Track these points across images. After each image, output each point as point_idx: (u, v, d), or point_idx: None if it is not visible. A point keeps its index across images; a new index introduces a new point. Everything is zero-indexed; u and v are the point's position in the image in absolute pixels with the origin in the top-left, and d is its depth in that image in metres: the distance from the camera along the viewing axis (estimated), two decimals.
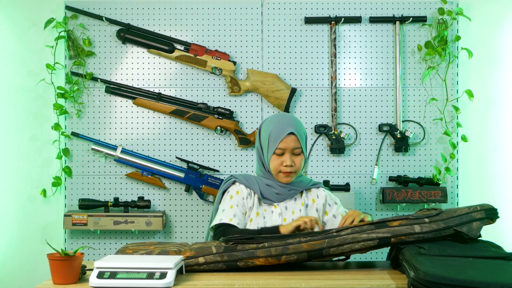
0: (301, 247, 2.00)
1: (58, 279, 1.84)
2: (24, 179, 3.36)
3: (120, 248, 2.15)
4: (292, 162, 2.40)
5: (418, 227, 1.98)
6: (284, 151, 2.40)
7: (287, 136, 2.39)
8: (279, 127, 2.41)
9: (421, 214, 2.04)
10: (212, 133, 3.37)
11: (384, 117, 3.38)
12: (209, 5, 3.37)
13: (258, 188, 2.44)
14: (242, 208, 2.41)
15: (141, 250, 2.07)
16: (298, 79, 3.38)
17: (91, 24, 3.35)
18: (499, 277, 1.74)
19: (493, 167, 3.41)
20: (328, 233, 2.02)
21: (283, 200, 2.46)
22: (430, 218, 2.00)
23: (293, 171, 2.41)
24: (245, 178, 2.48)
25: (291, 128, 2.39)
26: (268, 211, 2.44)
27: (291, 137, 2.39)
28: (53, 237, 3.29)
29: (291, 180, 2.44)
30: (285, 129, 2.39)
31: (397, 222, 2.01)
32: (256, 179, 2.48)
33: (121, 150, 3.31)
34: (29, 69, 3.35)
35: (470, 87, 3.33)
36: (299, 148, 2.41)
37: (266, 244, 2.01)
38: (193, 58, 3.32)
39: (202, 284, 1.84)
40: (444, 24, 3.31)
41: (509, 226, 3.37)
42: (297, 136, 2.40)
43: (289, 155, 2.40)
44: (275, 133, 2.41)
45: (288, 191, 2.45)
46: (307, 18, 3.36)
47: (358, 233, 2.00)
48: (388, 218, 2.04)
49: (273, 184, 2.45)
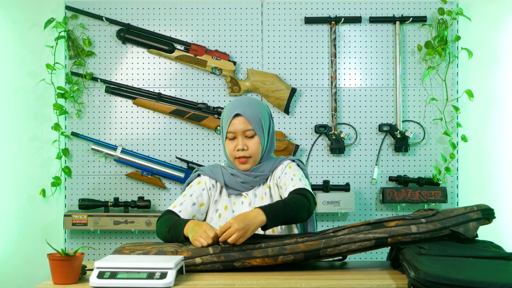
0: (298, 248, 1.99)
1: (58, 279, 1.84)
2: (24, 179, 3.36)
3: (117, 248, 2.14)
4: (244, 146, 2.29)
5: (415, 227, 1.99)
6: (235, 134, 2.30)
7: (234, 118, 2.29)
8: (228, 110, 2.33)
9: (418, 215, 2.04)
10: (212, 133, 3.37)
11: (384, 117, 3.39)
12: (209, 5, 3.37)
13: (222, 178, 2.34)
14: (196, 199, 2.32)
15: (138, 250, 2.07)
16: (298, 79, 3.38)
17: (91, 24, 3.35)
18: (499, 277, 1.74)
19: (493, 167, 3.41)
20: (325, 233, 2.02)
21: (251, 188, 2.35)
22: (427, 219, 2.00)
23: (248, 156, 2.30)
24: (210, 169, 2.38)
25: (238, 109, 2.29)
26: (237, 203, 2.34)
27: (239, 119, 2.29)
28: (53, 237, 3.29)
29: (249, 167, 2.32)
30: (232, 111, 2.30)
31: (393, 222, 2.01)
32: (222, 169, 2.38)
33: (121, 150, 3.31)
34: (29, 69, 3.35)
35: (470, 87, 3.33)
36: (250, 130, 2.29)
37: (263, 245, 2.01)
38: (193, 58, 3.32)
39: (202, 284, 1.84)
40: (444, 24, 3.31)
41: (509, 226, 3.38)
42: (245, 117, 2.28)
43: (241, 138, 2.29)
44: (225, 117, 2.33)
45: (254, 178, 2.33)
46: (307, 18, 3.36)
47: (355, 233, 2.00)
48: (385, 219, 2.04)
49: (237, 173, 2.34)
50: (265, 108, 2.37)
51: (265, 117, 2.34)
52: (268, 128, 2.35)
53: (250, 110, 2.30)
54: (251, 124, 2.29)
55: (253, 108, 2.31)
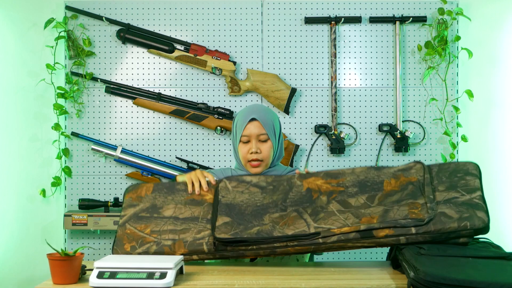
0: (288, 251, 2.07)
1: (58, 279, 1.84)
2: (24, 179, 3.36)
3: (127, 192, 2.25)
4: (257, 149, 2.39)
5: (404, 239, 1.99)
6: (250, 138, 2.40)
7: (249, 122, 2.39)
8: (243, 115, 2.43)
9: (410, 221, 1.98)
10: (212, 133, 3.37)
11: (384, 117, 3.39)
12: (209, 5, 3.37)
13: None
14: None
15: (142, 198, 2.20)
16: (298, 79, 3.38)
17: (91, 24, 3.35)
18: (499, 277, 1.74)
19: (493, 167, 3.41)
20: (314, 239, 2.03)
21: None
22: (417, 229, 1.98)
23: (260, 159, 2.40)
24: (221, 171, 2.49)
25: (253, 114, 2.40)
26: None
27: (254, 123, 2.40)
28: (53, 237, 3.29)
29: (260, 171, 2.42)
30: (248, 116, 2.41)
31: (384, 232, 1.99)
32: (232, 171, 2.49)
33: (121, 150, 3.31)
34: (29, 69, 3.35)
35: (470, 87, 3.33)
36: (264, 135, 2.40)
37: (255, 247, 2.06)
38: (193, 58, 3.32)
39: (202, 284, 1.84)
40: (444, 24, 3.31)
41: (509, 226, 3.38)
42: (260, 122, 2.39)
43: (255, 142, 2.39)
44: (240, 121, 2.43)
45: None
46: (307, 18, 3.36)
47: (344, 242, 2.01)
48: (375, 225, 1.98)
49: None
50: (276, 117, 2.49)
51: (277, 124, 2.46)
52: (279, 135, 2.47)
53: (265, 116, 2.42)
54: (265, 128, 2.40)
55: (267, 115, 2.44)
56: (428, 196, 2.03)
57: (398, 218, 2.00)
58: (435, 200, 2.03)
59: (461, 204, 2.01)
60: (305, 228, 2.05)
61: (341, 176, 2.16)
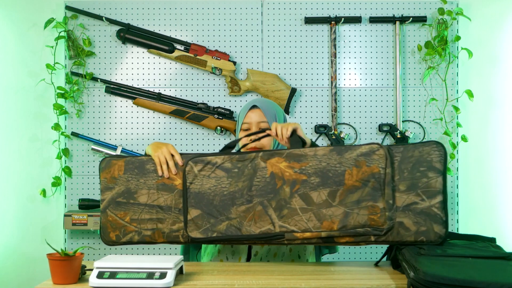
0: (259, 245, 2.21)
1: (58, 279, 1.84)
2: (24, 179, 3.36)
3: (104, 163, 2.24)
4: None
5: (364, 244, 2.05)
6: (250, 126, 2.37)
7: (251, 110, 2.37)
8: (246, 105, 2.43)
9: (368, 229, 2.02)
10: (212, 133, 3.37)
11: (384, 117, 3.39)
12: (209, 5, 3.37)
13: None
14: None
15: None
16: (298, 79, 3.38)
17: (91, 24, 3.35)
18: (499, 277, 1.74)
19: (493, 167, 3.41)
20: (280, 240, 2.06)
21: None
22: (376, 237, 2.01)
23: (259, 147, 2.35)
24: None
25: (255, 103, 2.39)
26: None
27: (255, 111, 2.37)
28: (53, 237, 3.30)
29: None
30: (250, 104, 2.40)
31: (344, 239, 2.02)
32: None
33: (121, 150, 3.31)
34: (29, 69, 3.35)
35: (470, 87, 3.33)
36: (264, 122, 2.36)
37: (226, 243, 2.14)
38: (193, 58, 3.32)
39: (202, 284, 1.84)
40: (444, 24, 3.31)
41: (509, 226, 3.38)
42: (261, 110, 2.37)
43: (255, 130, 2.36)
44: (242, 111, 2.42)
45: None
46: (307, 18, 3.36)
47: (308, 244, 2.11)
48: (335, 234, 2.04)
49: None
50: (281, 110, 2.46)
51: (280, 114, 2.43)
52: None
53: (267, 105, 2.40)
54: (266, 117, 2.37)
55: (270, 104, 2.42)
56: (387, 201, 2.02)
57: (357, 226, 2.01)
58: (394, 205, 2.02)
59: (420, 212, 2.00)
60: (270, 227, 2.06)
61: (304, 159, 2.13)
